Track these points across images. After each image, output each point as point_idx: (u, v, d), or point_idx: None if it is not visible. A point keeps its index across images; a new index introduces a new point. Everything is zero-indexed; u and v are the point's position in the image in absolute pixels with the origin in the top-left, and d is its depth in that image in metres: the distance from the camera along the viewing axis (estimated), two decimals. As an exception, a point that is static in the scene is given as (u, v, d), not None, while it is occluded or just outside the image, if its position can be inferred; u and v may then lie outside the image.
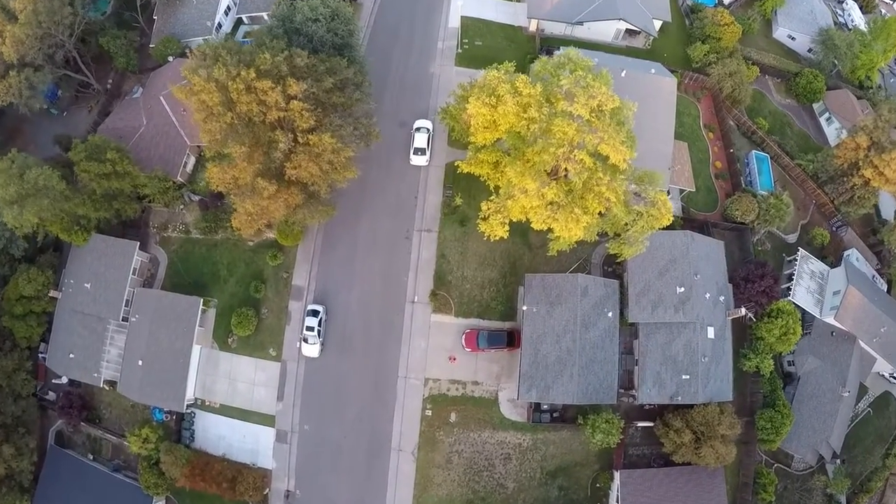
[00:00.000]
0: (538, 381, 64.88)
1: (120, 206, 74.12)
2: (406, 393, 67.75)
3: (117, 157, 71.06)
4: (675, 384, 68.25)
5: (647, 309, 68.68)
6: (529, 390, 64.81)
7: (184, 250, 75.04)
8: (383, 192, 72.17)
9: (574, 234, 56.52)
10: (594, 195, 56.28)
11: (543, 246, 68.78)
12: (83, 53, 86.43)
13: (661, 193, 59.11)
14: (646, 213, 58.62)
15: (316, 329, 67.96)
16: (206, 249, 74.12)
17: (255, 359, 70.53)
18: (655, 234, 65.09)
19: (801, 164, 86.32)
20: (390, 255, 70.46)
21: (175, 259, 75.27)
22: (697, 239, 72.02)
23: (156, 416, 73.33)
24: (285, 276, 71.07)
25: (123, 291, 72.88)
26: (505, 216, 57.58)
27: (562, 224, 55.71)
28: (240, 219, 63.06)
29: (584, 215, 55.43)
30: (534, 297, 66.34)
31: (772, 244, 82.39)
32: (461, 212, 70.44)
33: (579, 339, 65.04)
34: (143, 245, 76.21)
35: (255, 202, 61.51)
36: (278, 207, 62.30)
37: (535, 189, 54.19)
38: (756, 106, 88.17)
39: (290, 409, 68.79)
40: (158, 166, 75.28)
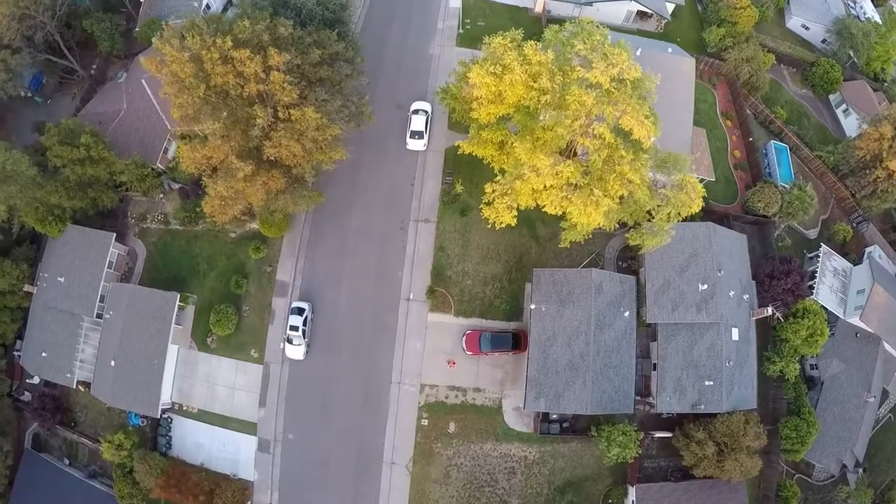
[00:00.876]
0: (547, 389, 52.92)
1: (96, 194, 63.14)
2: (400, 400, 56.05)
3: (92, 141, 60.33)
4: (698, 391, 56.56)
5: (666, 308, 56.80)
6: (537, 399, 52.82)
7: (163, 243, 63.58)
8: (377, 180, 60.46)
9: (593, 221, 44.80)
10: (615, 176, 44.62)
11: (553, 238, 57.11)
12: (67, 38, 75.22)
13: (690, 176, 47.12)
14: (673, 197, 46.48)
15: (301, 329, 56.26)
16: (186, 242, 62.52)
17: (235, 360, 59.00)
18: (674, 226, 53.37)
19: (821, 156, 74.95)
20: (384, 248, 58.75)
21: (153, 252, 63.51)
22: (720, 231, 60.43)
23: (132, 420, 62.17)
24: (269, 271, 59.28)
25: (98, 286, 61.64)
26: (512, 200, 45.70)
27: (579, 208, 43.92)
28: (212, 203, 51.59)
29: (604, 198, 43.46)
30: (543, 295, 54.38)
31: (792, 240, 70.58)
32: (462, 200, 58.66)
33: (593, 342, 53.14)
34: (121, 237, 64.82)
35: (229, 184, 49.96)
36: (256, 192, 50.67)
37: (549, 167, 42.31)
38: (772, 95, 76.95)
39: (273, 416, 57.06)
40: (136, 152, 63.52)
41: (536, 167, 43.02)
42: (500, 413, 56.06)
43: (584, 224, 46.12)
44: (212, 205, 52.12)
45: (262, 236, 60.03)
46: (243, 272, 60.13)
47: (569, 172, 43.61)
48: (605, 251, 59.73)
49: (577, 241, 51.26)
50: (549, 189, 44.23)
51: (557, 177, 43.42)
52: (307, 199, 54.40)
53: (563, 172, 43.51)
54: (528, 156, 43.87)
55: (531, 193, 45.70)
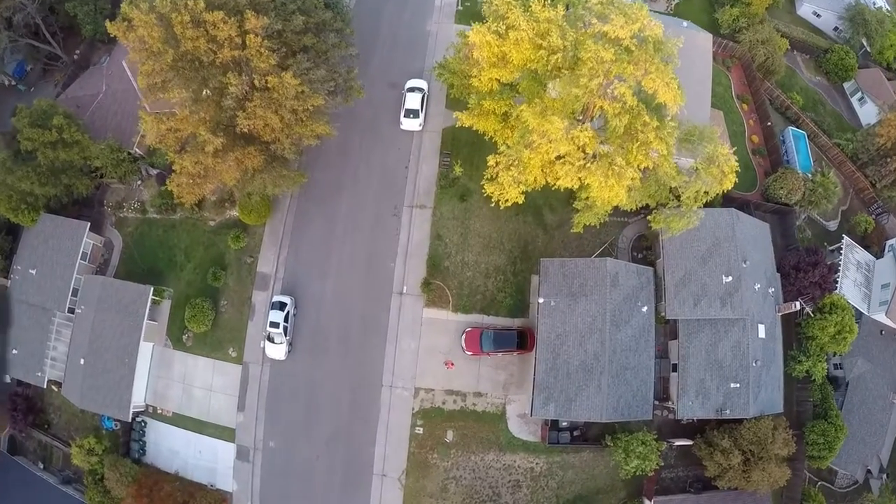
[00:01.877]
0: (557, 394, 42.61)
1: (70, 181, 53.48)
2: (392, 405, 45.98)
3: (64, 123, 51.21)
4: (723, 394, 46.47)
5: (687, 303, 46.49)
6: (546, 405, 42.49)
7: (139, 233, 53.64)
8: (368, 162, 50.37)
9: (615, 196, 34.82)
10: (639, 145, 33.96)
11: (561, 226, 46.99)
12: (51, 23, 65.55)
13: (723, 146, 36.78)
14: (703, 171, 36.08)
15: (282, 325, 46.22)
16: (164, 231, 52.55)
17: (212, 360, 49.15)
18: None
19: (840, 144, 64.85)
20: (374, 237, 48.69)
21: (129, 243, 53.32)
22: (743, 219, 50.44)
23: (105, 423, 52.43)
24: (249, 262, 49.30)
25: (70, 278, 52.11)
26: (519, 173, 34.99)
27: (600, 180, 33.25)
28: (178, 181, 41.98)
29: (628, 167, 33.03)
30: (552, 288, 44.05)
31: (812, 232, 60.10)
32: (461, 184, 48.54)
33: (609, 340, 42.83)
34: (97, 227, 54.98)
35: (197, 159, 39.99)
36: (229, 169, 40.86)
37: (563, 131, 31.83)
38: (787, 82, 66.92)
39: (253, 421, 47.09)
40: (111, 135, 53.55)
41: (548, 132, 32.68)
42: (504, 420, 45.75)
43: (604, 200, 36.01)
44: (178, 183, 42.34)
45: (243, 224, 49.93)
46: (222, 263, 50.14)
47: (586, 137, 33.35)
48: (618, 241, 49.54)
49: (591, 225, 41.08)
50: (565, 158, 33.76)
51: (573, 142, 32.97)
52: (288, 179, 44.41)
53: (579, 138, 33.15)
54: (538, 121, 33.53)
55: (541, 166, 35.26)
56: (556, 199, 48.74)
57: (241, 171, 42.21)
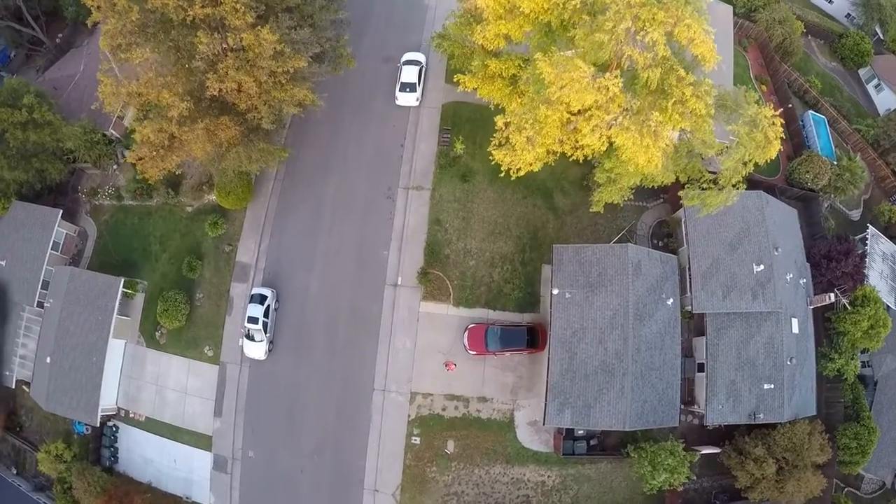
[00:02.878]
0: (574, 399, 34.08)
1: (42, 165, 45.33)
2: (385, 412, 37.51)
3: (35, 102, 43.03)
4: (755, 397, 38.20)
5: (716, 294, 38.00)
6: (561, 412, 33.91)
7: (115, 221, 45.21)
8: (359, 141, 41.85)
9: (650, 160, 26.74)
10: (674, 102, 25.42)
11: (574, 211, 38.63)
12: (33, 6, 57.07)
13: (767, 107, 28.19)
14: (746, 135, 27.47)
15: (262, 321, 37.80)
16: (139, 219, 44.19)
17: (187, 359, 40.84)
18: None
19: (860, 130, 56.54)
20: (366, 222, 40.26)
21: (104, 232, 44.74)
22: (772, 203, 41.74)
23: (77, 428, 44.26)
24: (228, 250, 40.91)
25: (40, 270, 43.96)
26: (535, 132, 26.28)
27: (634, 138, 24.67)
28: (139, 152, 33.19)
29: (666, 124, 24.46)
30: (566, 277, 35.51)
31: (835, 221, 51.32)
32: (463, 163, 40.11)
33: (632, 337, 34.33)
34: (72, 215, 46.65)
35: (159, 126, 31.42)
36: (197, 139, 32.69)
37: (588, 78, 23.24)
38: (803, 66, 58.92)
39: (231, 428, 38.66)
40: (85, 115, 45.18)
41: (572, 80, 23.98)
42: (512, 428, 37.23)
43: (637, 167, 27.67)
44: (138, 154, 33.91)
45: (222, 209, 41.53)
46: (198, 253, 41.72)
47: (616, 88, 24.67)
48: (636, 227, 40.98)
49: (613, 203, 32.51)
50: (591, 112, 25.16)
51: (601, 92, 24.39)
52: (267, 154, 36.11)
53: (609, 88, 24.58)
54: (556, 71, 24.83)
55: (561, 126, 26.62)
56: (568, 181, 40.45)
57: (213, 144, 33.85)
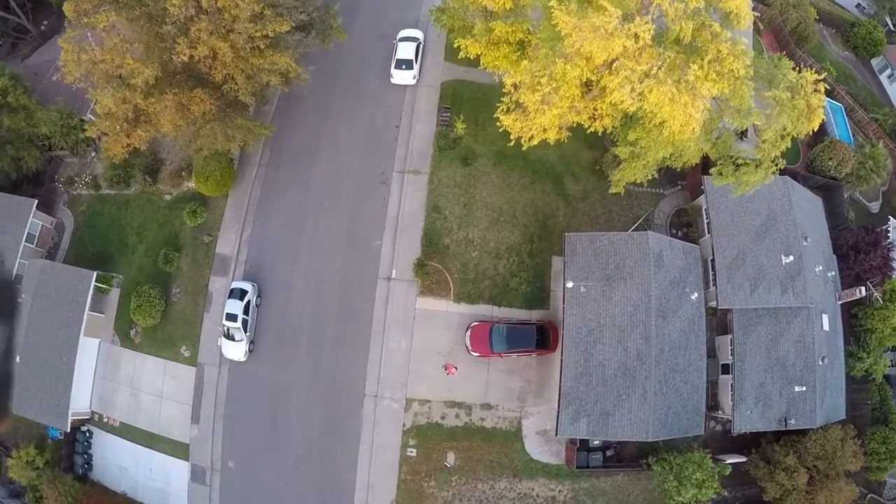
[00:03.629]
0: (590, 406, 28.33)
1: (17, 152, 39.68)
2: (378, 421, 31.55)
3: (10, 84, 37.43)
4: (786, 400, 32.64)
5: (743, 288, 32.32)
6: (576, 421, 28.14)
7: (92, 211, 39.44)
8: (351, 122, 36.19)
9: (687, 124, 20.49)
10: (710, 60, 19.52)
11: (586, 198, 33.00)
12: (19, -7, 51.24)
13: (809, 72, 22.33)
14: (787, 102, 21.61)
15: (241, 318, 31.93)
16: (116, 209, 38.47)
17: (163, 360, 35.09)
18: None
19: (878, 119, 50.57)
20: (357, 209, 34.48)
21: (81, 223, 38.94)
22: (798, 189, 35.92)
23: (51, 432, 38.36)
24: (207, 241, 35.17)
25: (13, 264, 38.15)
26: (552, 90, 20.36)
27: (670, 93, 19.00)
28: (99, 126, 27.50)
29: (705, 81, 18.61)
30: (580, 269, 29.77)
31: (855, 213, 45.51)
32: (464, 145, 34.36)
33: (655, 336, 28.53)
34: (49, 205, 40.95)
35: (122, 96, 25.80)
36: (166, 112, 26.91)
37: (615, 22, 17.38)
38: (816, 54, 53.23)
39: (209, 436, 32.91)
40: (62, 99, 39.51)
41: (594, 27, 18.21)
42: (519, 438, 31.35)
43: (670, 133, 21.60)
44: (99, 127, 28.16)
45: (202, 197, 35.75)
46: (176, 244, 35.78)
47: (647, 35, 19.01)
48: (654, 216, 35.11)
49: (636, 182, 26.86)
50: (619, 63, 19.40)
51: (631, 39, 18.66)
52: (245, 131, 30.46)
53: (639, 35, 18.85)
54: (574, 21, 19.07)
55: (581, 76, 20.84)
56: (579, 165, 34.78)
57: (185, 120, 28.18)
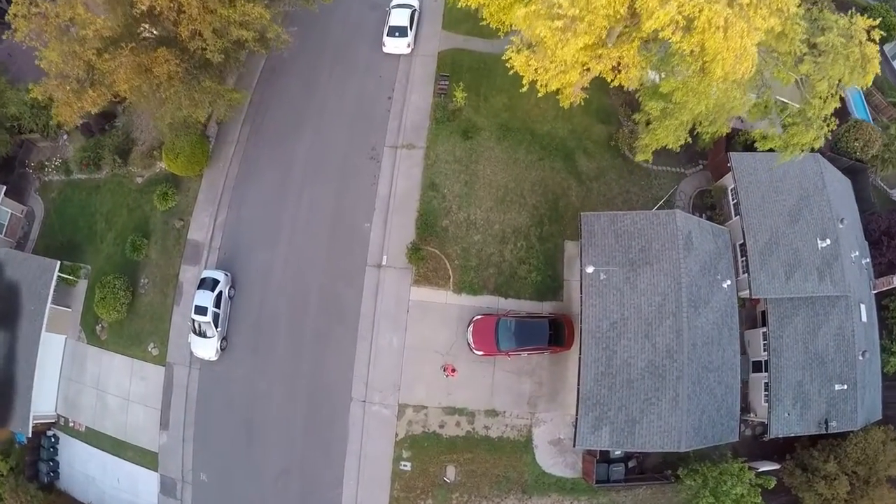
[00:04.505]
0: (614, 412, 22.46)
1: (-16, 136, 33.13)
2: (366, 429, 25.63)
3: None
4: (825, 400, 27.18)
5: (778, 276, 26.65)
6: (597, 429, 22.28)
7: (63, 198, 33.55)
8: (339, 94, 30.48)
9: (744, 58, 14.86)
10: None
11: (601, 177, 27.42)
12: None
13: (862, 17, 16.32)
14: (840, 49, 15.63)
15: (211, 312, 25.77)
16: (87, 194, 32.64)
17: (129, 359, 29.28)
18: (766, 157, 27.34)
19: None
20: (344, 188, 28.62)
21: (51, 211, 33.04)
22: (829, 168, 30.09)
23: (18, 437, 32.08)
24: (178, 227, 29.29)
25: (-24, 255, 31.58)
26: (580, 13, 14.48)
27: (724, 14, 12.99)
28: (48, 88, 21.88)
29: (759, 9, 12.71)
30: (599, 253, 24.00)
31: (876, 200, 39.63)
32: (465, 117, 28.55)
33: (687, 329, 22.45)
34: (19, 193, 35.06)
35: (70, 49, 20.07)
36: (122, 70, 20.71)
37: None
38: (827, 34, 45.44)
39: (179, 444, 27.04)
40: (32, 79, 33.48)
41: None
42: (530, 449, 25.46)
43: (724, 71, 15.92)
44: (46, 88, 22.59)
45: (175, 179, 29.91)
46: (145, 230, 29.89)
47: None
48: (675, 197, 29.36)
49: (667, 147, 21.15)
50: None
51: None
52: (215, 96, 24.53)
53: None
54: None
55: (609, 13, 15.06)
56: (591, 140, 29.13)
57: (147, 82, 22.50)
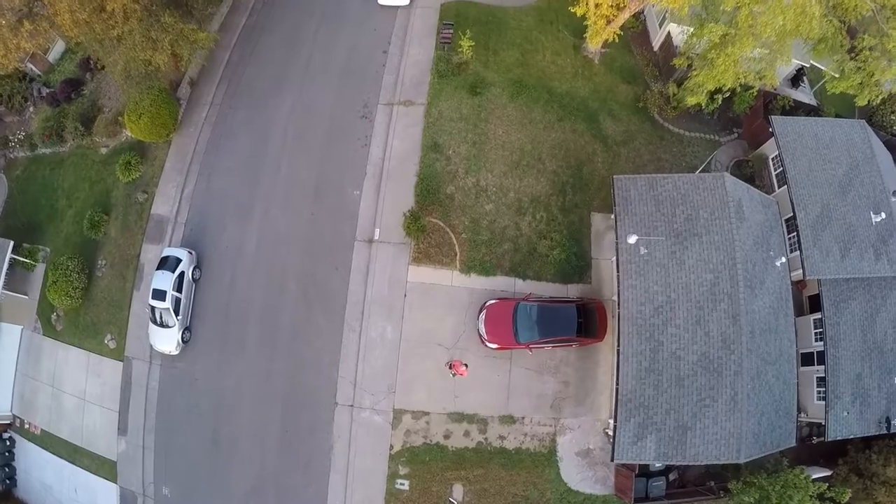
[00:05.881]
0: (661, 417, 15.93)
1: (-55, 109, 26.55)
2: (355, 440, 19.06)
3: None
4: (885, 396, 20.20)
5: (833, 254, 20.11)
6: (641, 438, 15.81)
7: (26, 175, 26.89)
8: (327, 49, 23.91)
9: None
10: None
11: (629, 142, 20.92)
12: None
13: None
14: None
15: (171, 296, 19.15)
16: (50, 170, 25.99)
17: (86, 352, 22.34)
18: (810, 122, 22.07)
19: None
20: (330, 150, 22.10)
21: (14, 189, 26.38)
22: (874, 137, 23.32)
23: (-22, 439, 24.69)
24: (142, 200, 22.68)
25: (-66, 240, 24.91)
26: None
27: None
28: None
29: None
30: (639, 222, 17.55)
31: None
32: (472, 71, 21.90)
33: (745, 314, 15.88)
34: (-18, 172, 27.55)
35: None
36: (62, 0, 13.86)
37: None
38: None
39: (139, 452, 20.34)
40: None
41: None
42: (553, 463, 19.08)
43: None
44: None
45: (141, 147, 23.45)
46: (106, 205, 23.42)
47: None
48: (710, 167, 23.00)
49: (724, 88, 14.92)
50: None
51: None
52: (174, 34, 18.11)
53: None
54: None
55: None
56: (617, 102, 23.05)
57: (98, 19, 16.20)
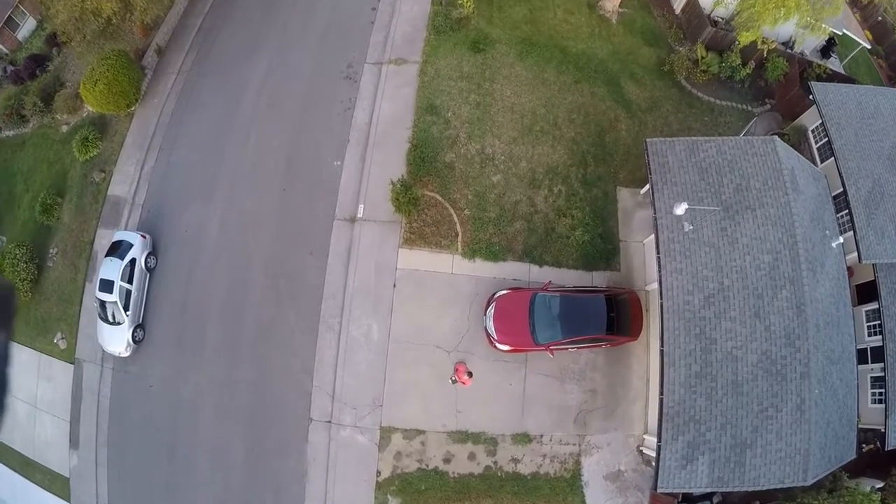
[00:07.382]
0: (714, 434, 11.01)
1: None
2: (334, 465, 13.89)
3: None
4: (946, 400, 14.37)
5: (889, 234, 14.95)
6: (690, 461, 10.83)
7: None
8: (309, 6, 18.64)
9: None
10: None
11: (654, 109, 16.15)
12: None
13: None
14: None
15: (120, 288, 14.20)
16: (11, 153, 20.69)
17: (36, 353, 17.16)
18: (854, 89, 15.98)
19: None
20: (308, 116, 17.21)
21: None
22: None
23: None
24: (98, 180, 17.71)
25: None
26: None
27: None
28: None
29: None
30: (680, 193, 12.72)
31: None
32: (474, 27, 16.78)
33: (810, 303, 10.79)
34: (-54, 161, 22.27)
35: None
36: None
37: None
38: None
39: (92, 469, 15.46)
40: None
41: None
42: (578, 489, 13.47)
43: None
44: None
45: (102, 123, 18.65)
46: (62, 187, 18.67)
47: None
48: (752, 132, 18.18)
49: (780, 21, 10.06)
50: None
51: None
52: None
53: None
54: None
55: None
56: (639, 65, 18.37)
57: None
